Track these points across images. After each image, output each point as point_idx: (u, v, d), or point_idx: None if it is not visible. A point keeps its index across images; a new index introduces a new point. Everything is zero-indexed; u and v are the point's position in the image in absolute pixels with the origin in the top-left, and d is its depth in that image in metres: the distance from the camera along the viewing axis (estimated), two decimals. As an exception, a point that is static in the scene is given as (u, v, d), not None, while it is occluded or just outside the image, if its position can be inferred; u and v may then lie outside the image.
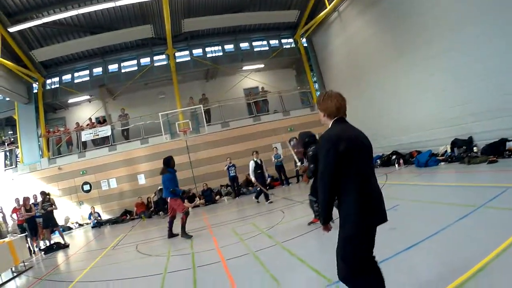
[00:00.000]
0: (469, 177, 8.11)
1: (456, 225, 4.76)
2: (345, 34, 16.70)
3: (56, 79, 18.88)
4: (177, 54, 19.29)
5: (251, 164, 11.95)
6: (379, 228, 2.67)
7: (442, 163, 10.82)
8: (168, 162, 8.76)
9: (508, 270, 3.21)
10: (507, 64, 9.29)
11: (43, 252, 10.69)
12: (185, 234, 8.33)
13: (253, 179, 11.91)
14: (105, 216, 15.91)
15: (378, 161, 14.21)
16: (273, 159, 15.29)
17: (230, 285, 4.51)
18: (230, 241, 7.09)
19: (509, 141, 9.42)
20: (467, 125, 10.85)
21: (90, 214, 15.23)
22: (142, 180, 16.68)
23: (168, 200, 8.76)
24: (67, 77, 19.09)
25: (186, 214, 8.47)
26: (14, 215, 11.36)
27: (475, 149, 10.32)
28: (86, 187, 16.43)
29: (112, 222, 14.93)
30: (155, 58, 19.57)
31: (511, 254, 3.46)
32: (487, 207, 5.18)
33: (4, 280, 7.68)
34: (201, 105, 17.30)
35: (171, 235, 8.78)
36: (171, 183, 8.52)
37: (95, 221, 14.84)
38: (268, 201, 11.24)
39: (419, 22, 11.95)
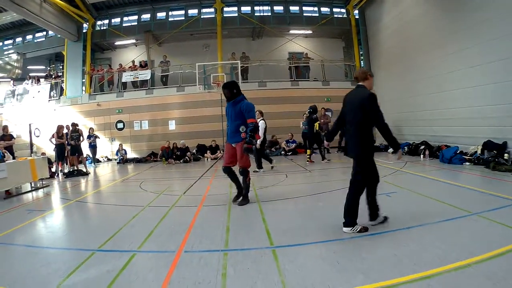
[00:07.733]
0: (485, 183, 7.31)
1: (435, 225, 4.29)
2: (396, 10, 15.33)
3: (106, 21, 19.58)
4: (225, 9, 19.04)
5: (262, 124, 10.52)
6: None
7: (467, 163, 9.71)
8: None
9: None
10: None
11: (64, 176, 11.57)
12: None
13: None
14: (132, 155, 16.76)
15: (406, 148, 13.20)
16: (301, 125, 14.95)
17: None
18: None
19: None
20: (505, 128, 9.47)
21: (118, 150, 16.10)
22: (172, 125, 17.25)
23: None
24: (116, 20, 19.73)
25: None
26: (53, 140, 12.17)
27: (506, 155, 8.95)
28: (120, 125, 17.31)
29: (137, 161, 15.70)
30: (203, 10, 19.46)
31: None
32: (480, 216, 4.57)
33: (23, 191, 8.57)
34: (239, 61, 17.18)
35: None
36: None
37: (121, 157, 15.67)
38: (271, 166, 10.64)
39: (478, 3, 10.28)
